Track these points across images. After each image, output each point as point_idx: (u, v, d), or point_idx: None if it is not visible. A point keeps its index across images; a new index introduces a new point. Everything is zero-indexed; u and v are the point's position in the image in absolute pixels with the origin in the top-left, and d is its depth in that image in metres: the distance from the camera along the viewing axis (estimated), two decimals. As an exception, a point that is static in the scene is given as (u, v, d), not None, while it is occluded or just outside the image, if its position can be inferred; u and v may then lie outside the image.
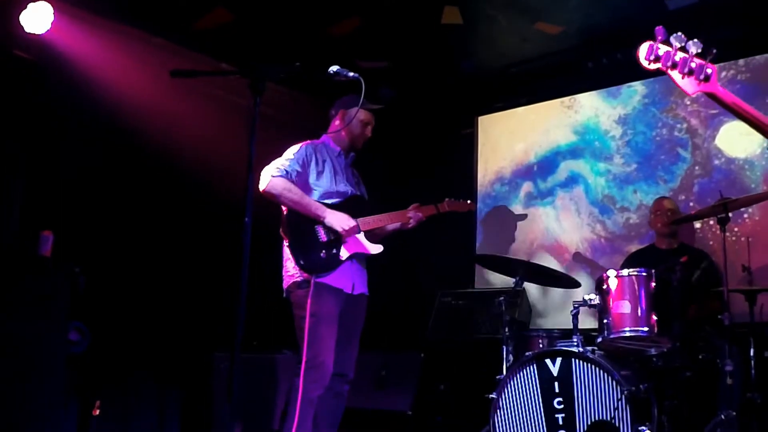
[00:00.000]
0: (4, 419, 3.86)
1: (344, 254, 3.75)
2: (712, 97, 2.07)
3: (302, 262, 3.67)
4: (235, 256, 2.55)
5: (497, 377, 3.91)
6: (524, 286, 4.53)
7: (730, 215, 4.04)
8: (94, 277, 4.51)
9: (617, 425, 3.49)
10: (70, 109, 4.98)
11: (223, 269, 4.09)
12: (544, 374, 3.72)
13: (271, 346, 5.10)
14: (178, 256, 5.41)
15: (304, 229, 3.74)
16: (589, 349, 3.70)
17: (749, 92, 5.10)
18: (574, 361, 3.67)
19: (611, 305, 3.75)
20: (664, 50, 1.98)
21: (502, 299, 4.13)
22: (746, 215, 5.06)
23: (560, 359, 3.70)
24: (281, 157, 3.81)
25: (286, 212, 3.78)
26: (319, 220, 3.74)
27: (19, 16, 4.57)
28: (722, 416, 3.67)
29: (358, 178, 4.12)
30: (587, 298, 3.87)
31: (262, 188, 3.69)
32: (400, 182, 6.24)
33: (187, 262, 5.44)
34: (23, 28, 4.59)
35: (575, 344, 3.72)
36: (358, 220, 3.82)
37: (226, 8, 5.22)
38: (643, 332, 3.66)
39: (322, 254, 3.71)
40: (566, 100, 6.08)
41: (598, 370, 3.61)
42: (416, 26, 5.45)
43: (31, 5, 4.58)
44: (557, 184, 6.01)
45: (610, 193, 5.73)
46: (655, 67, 1.98)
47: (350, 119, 3.90)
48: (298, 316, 3.68)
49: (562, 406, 3.66)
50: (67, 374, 4.23)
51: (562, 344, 3.83)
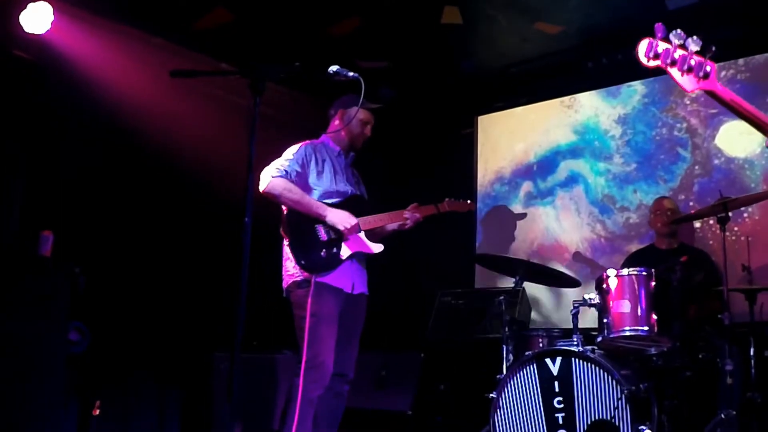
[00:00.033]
0: (4, 419, 3.86)
1: (345, 253, 3.75)
2: (711, 94, 2.06)
3: (303, 261, 3.66)
4: (235, 256, 2.55)
5: (497, 377, 3.91)
6: (524, 285, 4.54)
7: (729, 215, 4.04)
8: (94, 277, 4.51)
9: (617, 424, 3.49)
10: (70, 109, 4.98)
11: (223, 269, 4.09)
12: (544, 374, 3.72)
13: (271, 346, 5.09)
14: (178, 256, 5.41)
15: (304, 228, 3.73)
16: (589, 348, 3.70)
17: (749, 92, 5.10)
18: (574, 360, 3.67)
19: (611, 305, 3.75)
20: (663, 47, 1.97)
21: (502, 299, 4.13)
22: (746, 215, 5.06)
23: (560, 359, 3.70)
24: (281, 157, 3.81)
25: (286, 212, 3.78)
26: (320, 219, 3.73)
27: (18, 16, 4.57)
28: (722, 416, 3.66)
29: (357, 177, 4.11)
30: (587, 297, 3.87)
31: (262, 189, 3.68)
32: (400, 182, 6.23)
33: (187, 262, 5.44)
34: (23, 28, 4.59)
35: (575, 344, 3.72)
36: (358, 219, 3.81)
37: (226, 8, 5.22)
38: (643, 332, 3.66)
39: (322, 253, 3.70)
40: (566, 99, 6.08)
41: (598, 369, 3.61)
42: (416, 26, 5.45)
43: (30, 5, 4.57)
44: (557, 183, 6.01)
45: (609, 192, 5.73)
46: (654, 64, 1.97)
47: (350, 119, 3.90)
48: (298, 315, 3.68)
49: (562, 405, 3.66)
50: (67, 374, 4.23)
51: (562, 344, 3.83)
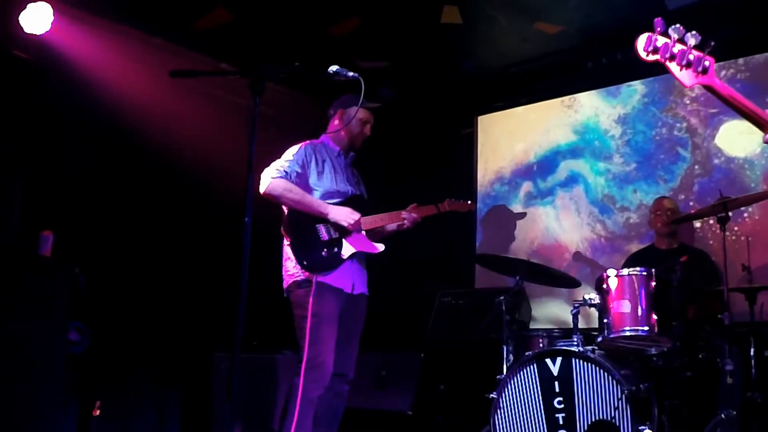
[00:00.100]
0: (4, 419, 3.86)
1: (346, 253, 3.74)
2: (709, 89, 2.06)
3: (305, 261, 3.65)
4: (235, 256, 2.55)
5: (497, 377, 3.91)
6: (524, 285, 4.54)
7: (730, 214, 4.03)
8: (94, 277, 4.51)
9: (617, 425, 3.49)
10: (69, 109, 4.98)
11: (223, 269, 4.09)
12: (544, 374, 3.72)
13: (271, 346, 5.09)
14: (178, 256, 5.41)
15: (305, 228, 3.73)
16: (589, 348, 3.70)
17: (749, 91, 5.10)
18: (574, 360, 3.67)
19: (611, 305, 3.75)
20: (662, 42, 1.97)
21: (502, 299, 4.13)
22: (746, 214, 5.06)
23: (560, 359, 3.70)
24: (281, 158, 3.80)
25: (287, 212, 3.78)
26: (322, 217, 3.73)
27: (18, 16, 4.57)
28: (722, 416, 3.66)
29: (357, 177, 4.11)
30: (587, 297, 3.88)
31: (262, 191, 3.68)
32: (400, 182, 6.23)
33: (187, 262, 5.44)
34: (23, 28, 4.59)
35: (575, 344, 3.73)
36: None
37: (226, 8, 5.22)
38: (643, 332, 3.66)
39: (323, 253, 3.70)
40: (566, 99, 6.08)
41: (598, 369, 3.61)
42: (416, 26, 5.45)
43: (30, 5, 4.57)
44: (557, 183, 6.01)
45: (610, 192, 5.73)
46: (653, 58, 1.97)
47: (349, 119, 3.89)
48: (298, 315, 3.67)
49: (562, 405, 3.66)
50: (67, 374, 4.22)
51: (562, 344, 3.83)
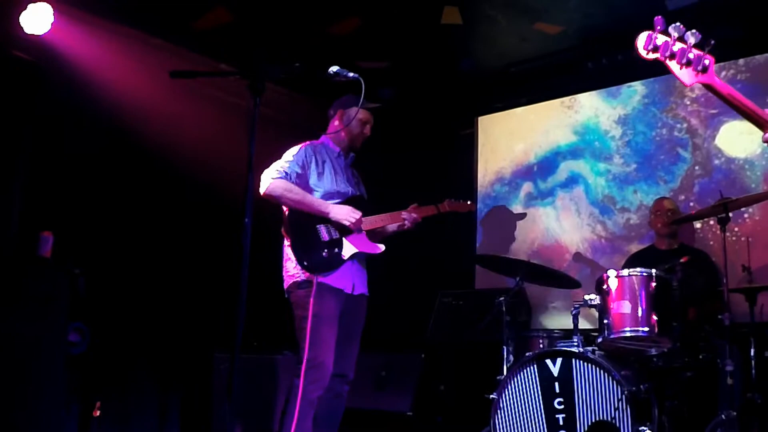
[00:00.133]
0: (5, 420, 3.86)
1: (346, 253, 3.74)
2: (709, 88, 2.06)
3: (305, 262, 3.65)
4: (235, 256, 2.54)
5: (498, 377, 3.91)
6: (524, 286, 4.53)
7: (730, 215, 4.03)
8: (94, 277, 4.51)
9: (618, 425, 3.49)
10: (69, 109, 4.98)
11: (223, 270, 4.09)
12: (544, 374, 3.72)
13: (270, 346, 5.09)
14: (178, 257, 5.41)
15: (305, 229, 3.72)
16: (589, 349, 3.70)
17: (749, 92, 5.07)
18: (574, 361, 3.67)
19: (611, 305, 3.74)
20: (662, 40, 1.97)
21: (502, 300, 4.12)
22: (746, 215, 5.06)
23: (561, 359, 3.70)
24: (281, 159, 3.80)
25: (287, 212, 3.77)
26: (324, 216, 3.73)
27: (18, 16, 4.57)
28: (723, 416, 3.66)
29: (357, 178, 4.10)
30: (588, 298, 3.87)
31: (262, 192, 3.67)
32: (400, 182, 6.23)
33: (187, 262, 5.44)
34: (23, 28, 4.59)
35: (576, 344, 3.72)
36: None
37: (225, 8, 5.22)
38: (643, 332, 3.65)
39: (324, 253, 3.69)
40: (566, 100, 6.08)
41: (598, 370, 3.60)
42: (416, 26, 5.45)
43: (31, 6, 4.57)
44: (557, 184, 6.00)
45: (610, 193, 5.73)
46: (653, 56, 1.97)
47: (349, 119, 3.89)
48: (298, 316, 3.66)
49: (562, 406, 3.65)
50: (67, 375, 4.23)
51: (562, 344, 3.83)
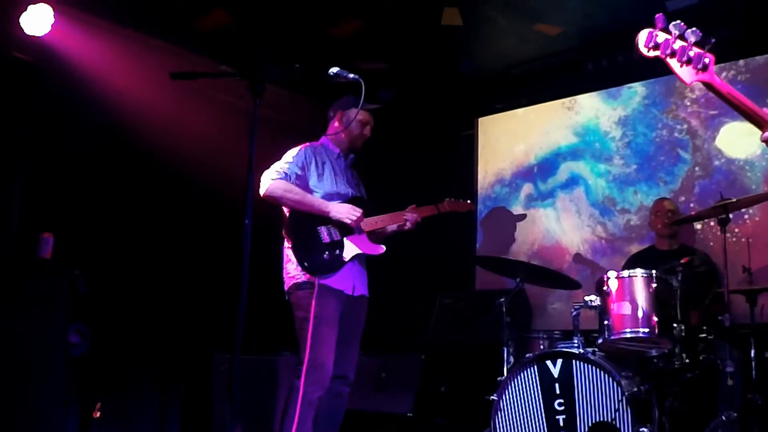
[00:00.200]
0: (6, 422, 3.86)
1: (347, 255, 3.74)
2: (708, 86, 2.06)
3: (306, 264, 3.64)
4: (235, 257, 2.54)
5: (498, 379, 3.91)
6: (525, 287, 4.53)
7: (730, 216, 4.03)
8: (94, 278, 4.51)
9: (618, 426, 3.49)
10: (70, 111, 4.98)
11: (223, 271, 4.09)
12: (544, 376, 3.72)
13: (271, 347, 5.09)
14: (178, 258, 5.41)
15: (306, 230, 3.72)
16: (589, 350, 3.70)
17: (749, 93, 5.01)
18: (574, 362, 3.66)
19: (612, 306, 3.74)
20: (663, 38, 1.97)
21: (502, 301, 4.13)
22: (746, 216, 5.05)
23: (561, 360, 3.70)
24: (280, 160, 3.80)
25: (288, 214, 3.77)
26: (324, 215, 3.73)
27: (19, 18, 4.57)
28: (723, 417, 3.67)
29: (357, 179, 4.11)
30: (588, 299, 3.87)
31: (262, 193, 3.67)
32: (400, 183, 6.22)
33: (187, 263, 5.44)
34: (23, 30, 4.59)
35: (576, 345, 3.72)
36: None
37: (225, 10, 5.22)
38: (643, 333, 3.66)
39: (325, 255, 3.69)
40: (566, 101, 6.07)
41: (598, 371, 3.60)
42: (416, 28, 5.45)
43: (31, 7, 4.57)
44: (557, 185, 6.00)
45: (610, 194, 5.73)
46: (653, 54, 1.97)
47: (349, 120, 3.89)
48: (299, 317, 3.66)
49: (563, 407, 3.65)
50: (67, 376, 4.23)
51: (562, 345, 3.83)
